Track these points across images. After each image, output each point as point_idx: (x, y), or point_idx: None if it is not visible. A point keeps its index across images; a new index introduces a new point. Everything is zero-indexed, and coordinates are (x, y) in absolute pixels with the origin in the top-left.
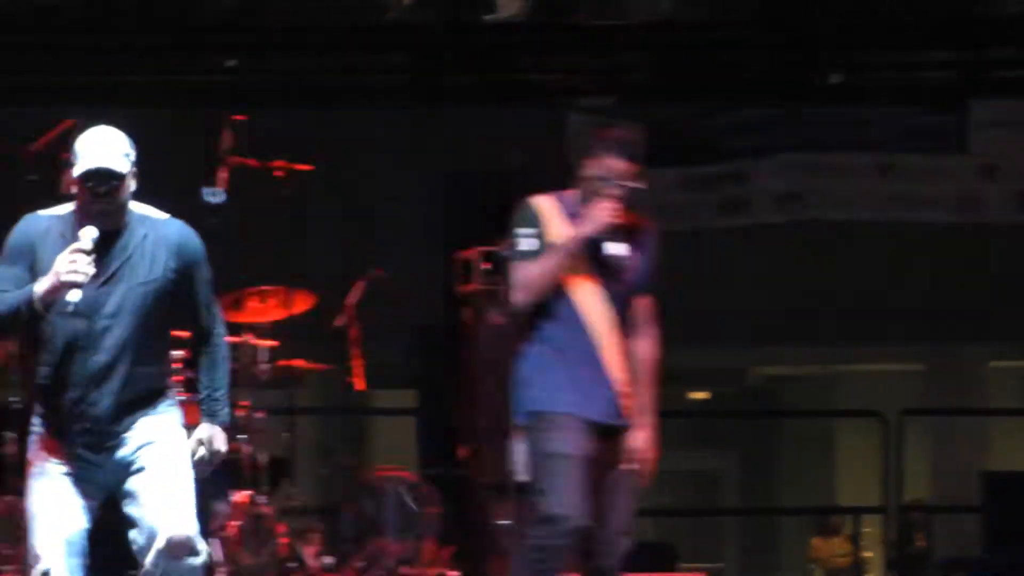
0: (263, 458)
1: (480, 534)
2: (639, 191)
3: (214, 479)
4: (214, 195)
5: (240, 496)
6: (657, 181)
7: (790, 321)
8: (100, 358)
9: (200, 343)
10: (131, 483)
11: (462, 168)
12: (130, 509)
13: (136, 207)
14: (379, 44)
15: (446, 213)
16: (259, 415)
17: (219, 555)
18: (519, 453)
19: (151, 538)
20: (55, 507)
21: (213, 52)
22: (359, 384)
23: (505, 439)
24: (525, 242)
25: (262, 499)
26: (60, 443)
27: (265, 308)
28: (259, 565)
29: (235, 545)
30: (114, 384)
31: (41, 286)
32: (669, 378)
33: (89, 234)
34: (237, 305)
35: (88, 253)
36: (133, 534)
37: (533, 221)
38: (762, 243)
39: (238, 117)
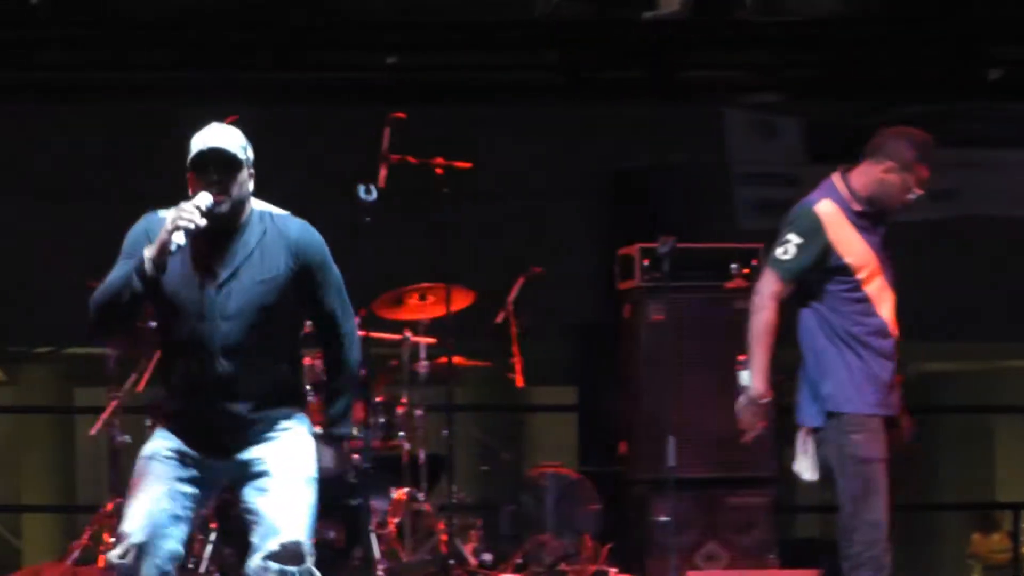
0: (422, 455)
1: (638, 531)
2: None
3: (374, 477)
4: (368, 193)
5: (399, 493)
6: (818, 178)
7: (948, 317)
8: (225, 359)
9: (326, 346)
10: (253, 485)
11: (623, 165)
12: (251, 509)
13: (256, 204)
14: (540, 40)
15: (607, 210)
16: (418, 412)
17: (378, 552)
18: (806, 452)
19: (265, 540)
20: (154, 490)
21: (373, 50)
22: (519, 381)
23: (663, 436)
24: (791, 250)
25: (421, 496)
26: (181, 433)
27: (424, 305)
28: (418, 562)
29: (394, 542)
30: (240, 385)
31: (150, 248)
32: None
33: (204, 199)
34: (397, 302)
35: (199, 211)
36: (252, 534)
37: (812, 232)
38: (920, 239)
39: (398, 115)
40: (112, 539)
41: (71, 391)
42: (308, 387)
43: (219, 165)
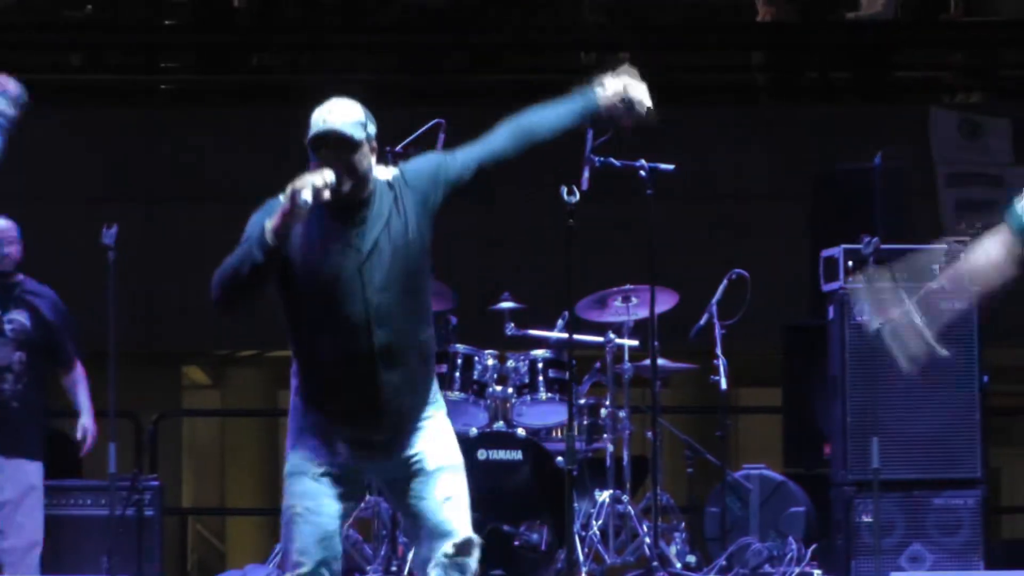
0: (626, 457)
1: (843, 533)
2: None
3: (578, 479)
4: (571, 195)
5: (604, 495)
6: (1021, 180)
7: None
8: (380, 335)
9: (530, 135)
10: (412, 484)
11: (828, 166)
12: (412, 509)
13: (380, 174)
14: (745, 42)
15: (812, 211)
16: (622, 414)
17: (582, 554)
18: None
19: (438, 541)
20: (316, 510)
21: (577, 51)
22: (723, 383)
23: (868, 437)
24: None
25: (625, 498)
26: (327, 437)
27: (629, 307)
28: (622, 564)
29: (598, 544)
30: (397, 357)
31: (270, 219)
32: None
33: (327, 175)
34: (601, 304)
35: (323, 185)
36: (415, 532)
37: None
38: None
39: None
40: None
41: (275, 394)
42: None
43: (338, 146)
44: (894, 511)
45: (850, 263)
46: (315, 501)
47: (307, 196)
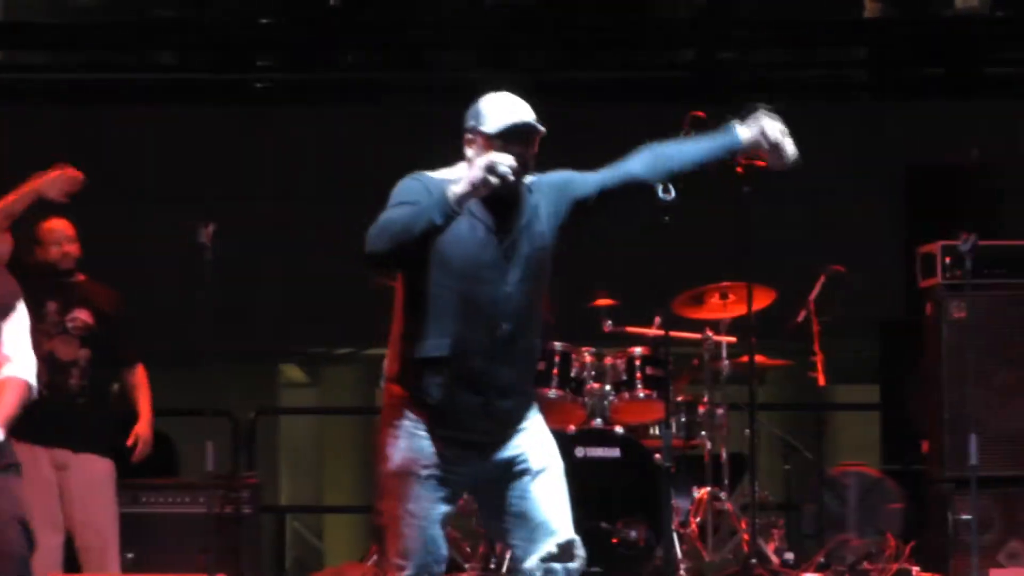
0: (724, 454)
1: (941, 529)
2: None
3: (676, 476)
4: (667, 192)
5: (701, 492)
6: None
7: None
8: (506, 327)
9: (650, 171)
10: (516, 485)
11: (925, 161)
12: (514, 509)
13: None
14: (844, 38)
15: (910, 207)
16: (720, 411)
17: (680, 551)
18: None
19: (541, 541)
20: (421, 513)
21: (676, 47)
22: (821, 379)
23: (966, 433)
24: None
25: (723, 495)
26: (434, 437)
27: (726, 304)
28: (720, 561)
29: (696, 541)
30: (514, 356)
31: (457, 186)
32: None
33: (508, 159)
34: (697, 301)
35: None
36: (517, 534)
37: None
38: None
39: (697, 113)
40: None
41: (372, 392)
42: None
43: (528, 140)
44: (992, 508)
45: (947, 260)
46: (419, 504)
47: (507, 171)
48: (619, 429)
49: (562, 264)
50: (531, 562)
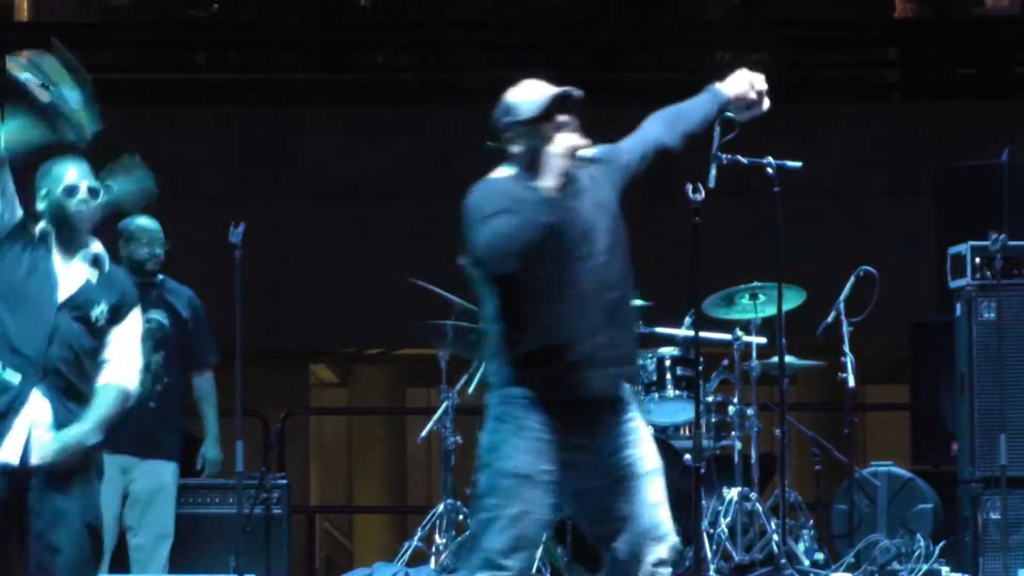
0: (754, 455)
1: (971, 530)
2: None
3: (706, 476)
4: (697, 192)
5: (732, 492)
6: None
7: None
8: (610, 296)
9: (672, 127)
10: (625, 486)
11: (955, 162)
12: (621, 510)
13: None
14: (877, 38)
15: (940, 207)
16: (750, 412)
17: (710, 551)
18: None
19: (653, 545)
20: (533, 517)
21: (705, 47)
22: (851, 381)
23: (996, 434)
24: None
25: (753, 495)
26: (554, 439)
27: (756, 304)
28: (750, 561)
29: (727, 541)
30: (624, 323)
31: (547, 181)
32: None
33: (577, 139)
34: (728, 302)
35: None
36: (624, 537)
37: None
38: None
39: (729, 114)
40: (440, 540)
41: (403, 392)
42: None
43: (568, 109)
44: (1021, 508)
45: (977, 260)
46: (533, 506)
47: (586, 149)
48: (649, 430)
49: None
50: (642, 567)
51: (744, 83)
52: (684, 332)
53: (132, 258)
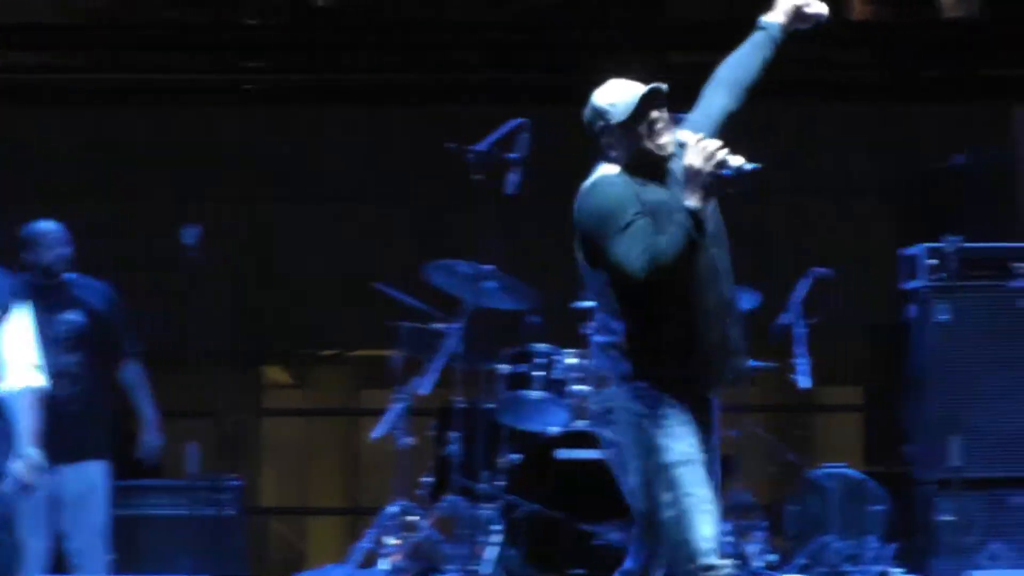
0: None
1: (923, 531)
2: None
3: None
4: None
5: None
6: None
7: None
8: (726, 285)
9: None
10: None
11: (911, 165)
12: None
13: None
14: (839, 39)
15: (895, 210)
16: None
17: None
18: None
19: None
20: (711, 496)
21: (662, 48)
22: (803, 382)
23: (949, 435)
24: None
25: None
26: (693, 413)
27: None
28: None
29: None
30: (737, 312)
31: (691, 198)
32: None
33: (690, 136)
34: None
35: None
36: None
37: None
38: None
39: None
40: (393, 540)
41: (358, 393)
42: None
43: (662, 104)
44: (974, 509)
45: (932, 262)
46: (706, 489)
47: (740, 161)
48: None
49: (546, 265)
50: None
51: (788, 6)
52: None
53: (39, 263)
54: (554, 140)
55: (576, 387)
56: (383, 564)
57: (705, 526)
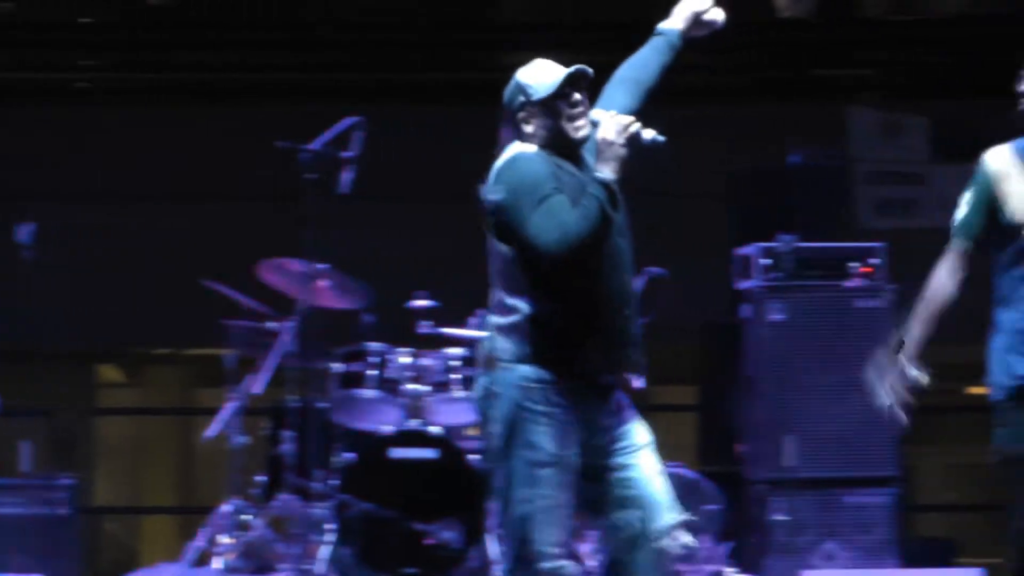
0: None
1: (757, 531)
2: None
3: (490, 478)
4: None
5: None
6: (943, 176)
7: None
8: (628, 274)
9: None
10: (623, 457)
11: (745, 164)
12: (620, 481)
13: None
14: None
15: (729, 209)
16: None
17: (495, 554)
18: None
19: (659, 518)
20: (566, 503)
21: (497, 49)
22: (639, 381)
23: (783, 435)
24: (959, 210)
25: None
26: (568, 420)
27: None
28: None
29: None
30: (634, 304)
31: (603, 169)
32: (949, 374)
33: (603, 112)
34: None
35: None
36: (630, 512)
37: (976, 180)
38: None
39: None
40: (227, 539)
41: (191, 392)
42: None
43: (583, 86)
44: (808, 509)
45: (765, 261)
46: (566, 493)
47: (652, 133)
48: (435, 430)
49: (380, 264)
50: (638, 533)
51: (686, 12)
52: (472, 333)
53: None
54: (387, 139)
55: (410, 386)
56: (216, 563)
57: (554, 529)
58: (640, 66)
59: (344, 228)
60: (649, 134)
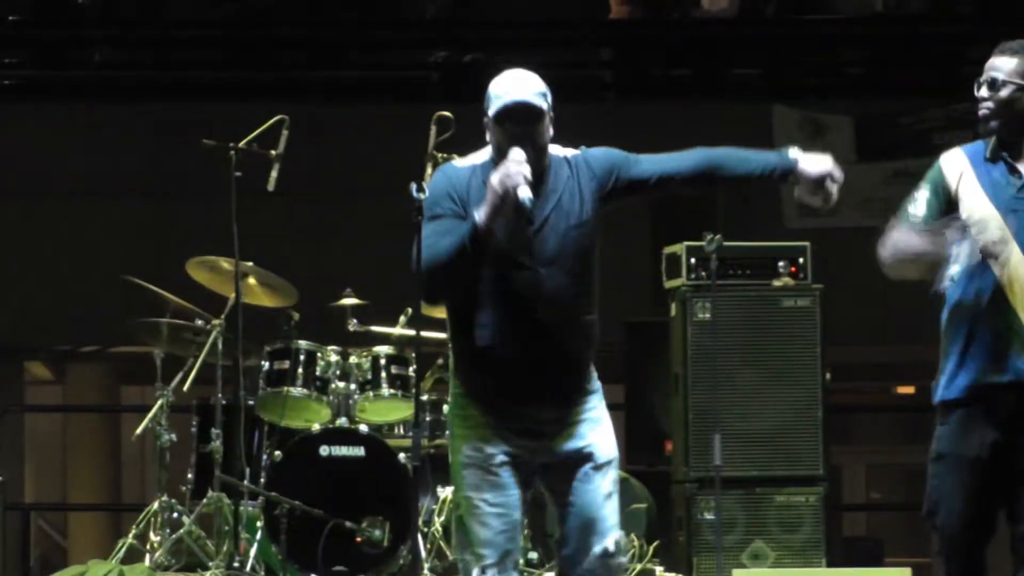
0: None
1: (685, 529)
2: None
3: (421, 475)
4: (420, 192)
5: (447, 492)
6: (866, 176)
7: None
8: (546, 309)
9: (714, 174)
10: (579, 473)
11: None
12: (571, 500)
13: (556, 150)
14: (593, 38)
15: (653, 208)
16: None
17: (424, 551)
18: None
19: (603, 537)
20: (497, 502)
21: (421, 48)
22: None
23: (710, 434)
24: (914, 205)
25: None
26: (495, 425)
27: None
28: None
29: (441, 540)
30: (561, 337)
31: (481, 210)
32: (880, 374)
33: (519, 154)
34: None
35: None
36: (574, 526)
37: (933, 180)
38: None
39: (444, 114)
40: (155, 537)
41: (118, 390)
42: None
43: (524, 118)
44: (736, 508)
45: (693, 260)
46: (494, 492)
47: (527, 195)
48: (364, 428)
49: (308, 262)
50: (580, 556)
51: (825, 167)
52: (400, 331)
53: None
54: (312, 137)
55: (338, 384)
56: (145, 561)
57: (482, 530)
58: (732, 162)
59: (271, 226)
60: (525, 193)
